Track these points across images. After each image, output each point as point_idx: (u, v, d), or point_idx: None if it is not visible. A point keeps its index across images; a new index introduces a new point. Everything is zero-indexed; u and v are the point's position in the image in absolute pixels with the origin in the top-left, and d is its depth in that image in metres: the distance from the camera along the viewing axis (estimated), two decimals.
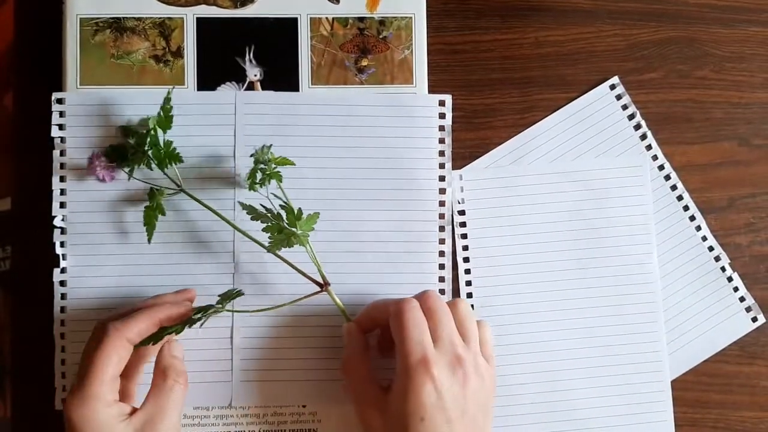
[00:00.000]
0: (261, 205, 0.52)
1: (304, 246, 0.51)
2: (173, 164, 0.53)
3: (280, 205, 0.52)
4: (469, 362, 0.48)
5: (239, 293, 0.53)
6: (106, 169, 0.54)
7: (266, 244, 0.51)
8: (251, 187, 0.52)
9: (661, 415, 0.56)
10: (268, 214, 0.51)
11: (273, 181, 0.52)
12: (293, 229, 0.51)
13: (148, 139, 0.52)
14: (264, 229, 0.51)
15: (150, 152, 0.52)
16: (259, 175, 0.52)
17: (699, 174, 0.59)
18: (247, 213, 0.51)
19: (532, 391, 0.56)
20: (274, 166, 0.52)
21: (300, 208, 0.51)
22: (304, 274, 0.52)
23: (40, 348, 0.54)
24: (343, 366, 0.51)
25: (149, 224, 0.52)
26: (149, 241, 0.52)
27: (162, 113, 0.53)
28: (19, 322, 0.56)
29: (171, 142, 0.53)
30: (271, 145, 0.53)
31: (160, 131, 0.53)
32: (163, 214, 0.53)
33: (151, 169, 0.53)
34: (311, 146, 0.55)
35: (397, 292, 0.55)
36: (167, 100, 0.52)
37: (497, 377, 0.51)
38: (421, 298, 0.50)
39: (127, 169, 0.53)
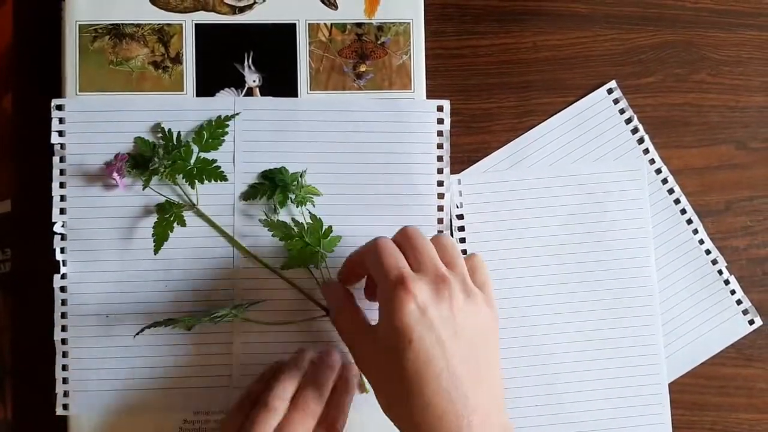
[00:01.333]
0: (292, 219, 0.53)
1: (318, 267, 0.52)
2: (211, 181, 0.54)
3: (308, 223, 0.53)
4: (456, 283, 0.45)
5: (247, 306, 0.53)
6: (123, 173, 0.54)
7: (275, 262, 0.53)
8: (282, 206, 0.53)
9: (659, 418, 0.57)
10: (295, 228, 0.52)
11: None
12: (317, 249, 0.52)
13: (176, 152, 0.53)
14: (286, 245, 0.52)
15: (173, 165, 0.53)
16: (292, 196, 0.53)
17: (696, 177, 0.59)
18: (274, 235, 0.53)
19: (529, 394, 0.56)
20: (305, 194, 0.54)
21: (330, 226, 0.53)
22: (311, 299, 0.53)
23: (41, 349, 0.54)
24: (335, 318, 0.50)
25: (161, 236, 0.53)
26: (156, 252, 0.53)
27: (206, 134, 0.53)
28: (19, 323, 0.56)
29: (214, 160, 0.54)
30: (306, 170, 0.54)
31: (195, 147, 0.54)
32: (183, 225, 0.53)
33: (176, 184, 0.54)
34: (310, 152, 0.55)
35: None
36: (221, 124, 0.54)
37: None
38: (399, 232, 0.48)
39: (143, 178, 0.53)
